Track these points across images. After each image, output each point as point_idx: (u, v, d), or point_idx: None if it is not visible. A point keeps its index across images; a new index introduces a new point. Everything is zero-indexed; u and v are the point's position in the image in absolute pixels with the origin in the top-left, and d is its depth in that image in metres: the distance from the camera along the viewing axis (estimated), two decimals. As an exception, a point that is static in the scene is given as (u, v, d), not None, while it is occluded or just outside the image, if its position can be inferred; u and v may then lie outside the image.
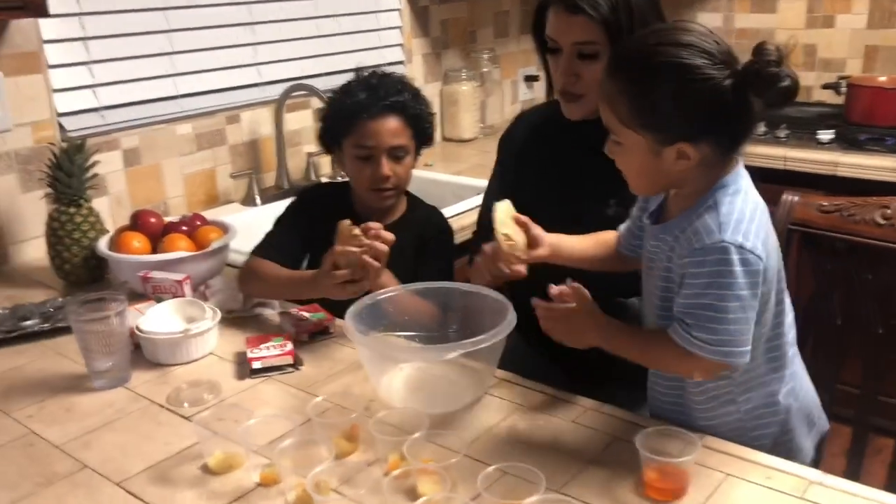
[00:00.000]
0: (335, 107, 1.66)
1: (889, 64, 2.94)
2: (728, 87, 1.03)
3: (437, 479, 1.03)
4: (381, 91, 1.60)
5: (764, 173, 2.60)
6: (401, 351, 1.34)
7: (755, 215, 1.09)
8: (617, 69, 1.09)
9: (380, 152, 1.60)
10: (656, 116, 1.05)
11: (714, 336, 1.06)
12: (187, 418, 1.24)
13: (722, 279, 1.04)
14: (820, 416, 1.31)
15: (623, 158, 1.12)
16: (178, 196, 2.19)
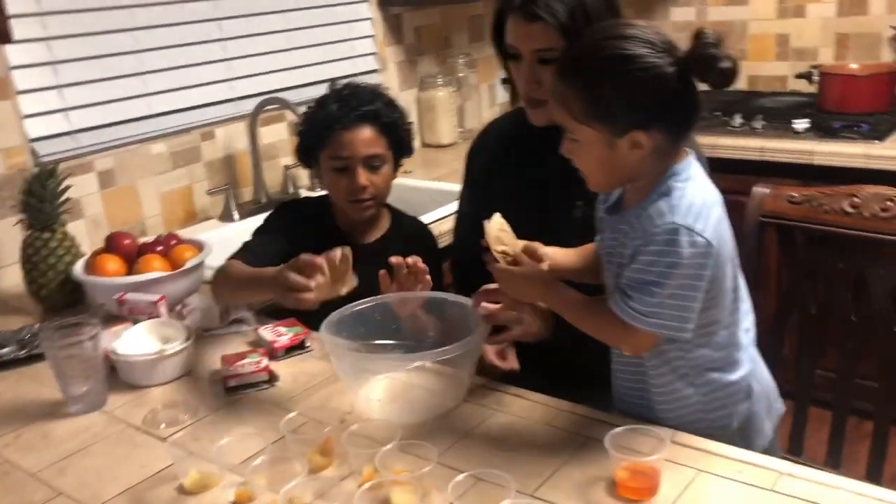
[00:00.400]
0: (309, 121, 1.67)
1: (860, 51, 2.96)
2: (672, 74, 1.06)
3: (410, 489, 1.04)
4: (353, 101, 1.61)
5: (741, 165, 2.63)
6: (372, 361, 1.33)
7: (706, 202, 1.12)
8: (567, 69, 1.12)
9: (355, 162, 1.60)
10: (608, 108, 1.08)
11: (649, 308, 1.09)
12: (163, 440, 1.24)
13: (667, 258, 1.08)
14: (777, 400, 1.34)
15: (581, 155, 1.15)
16: (156, 215, 2.19)
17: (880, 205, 1.50)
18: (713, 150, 2.66)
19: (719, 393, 1.21)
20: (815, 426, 1.72)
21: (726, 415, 1.22)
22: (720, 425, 1.21)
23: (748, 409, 1.24)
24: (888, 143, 2.48)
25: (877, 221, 1.50)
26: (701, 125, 2.83)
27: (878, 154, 2.41)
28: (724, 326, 1.19)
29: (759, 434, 1.27)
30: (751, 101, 3.04)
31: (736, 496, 1.04)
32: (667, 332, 1.11)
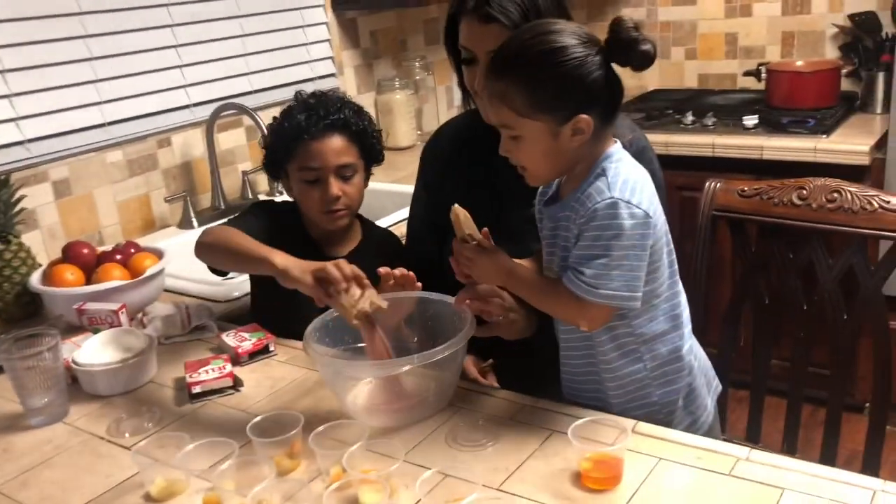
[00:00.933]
0: (276, 132, 1.61)
1: (805, 48, 3.05)
2: (599, 61, 1.14)
3: (377, 487, 1.05)
4: (320, 110, 1.56)
5: (694, 161, 2.69)
6: (356, 367, 1.33)
7: (639, 178, 1.19)
8: (502, 68, 1.17)
9: (327, 173, 1.56)
10: (549, 98, 1.14)
11: (598, 280, 1.14)
12: (128, 448, 1.24)
13: (610, 231, 1.14)
14: (714, 377, 1.40)
15: (524, 149, 1.19)
16: (113, 224, 2.16)
17: (827, 196, 1.55)
18: (666, 147, 2.72)
19: (666, 368, 1.26)
20: (772, 414, 1.77)
21: (672, 390, 1.28)
22: (667, 401, 1.27)
23: (690, 384, 1.30)
24: (834, 137, 2.56)
25: (824, 213, 1.55)
26: (654, 123, 2.92)
27: (824, 148, 2.49)
28: (665, 300, 1.24)
29: (703, 410, 1.33)
30: (702, 99, 3.11)
31: (696, 481, 1.07)
32: (618, 303, 1.15)
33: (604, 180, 1.16)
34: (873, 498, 1.01)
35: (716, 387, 1.39)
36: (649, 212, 1.16)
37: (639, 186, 1.17)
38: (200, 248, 1.52)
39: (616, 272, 1.14)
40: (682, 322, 1.28)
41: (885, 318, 1.51)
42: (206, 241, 1.52)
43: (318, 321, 1.35)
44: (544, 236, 1.29)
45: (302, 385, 1.39)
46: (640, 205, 1.15)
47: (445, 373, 1.29)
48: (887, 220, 1.48)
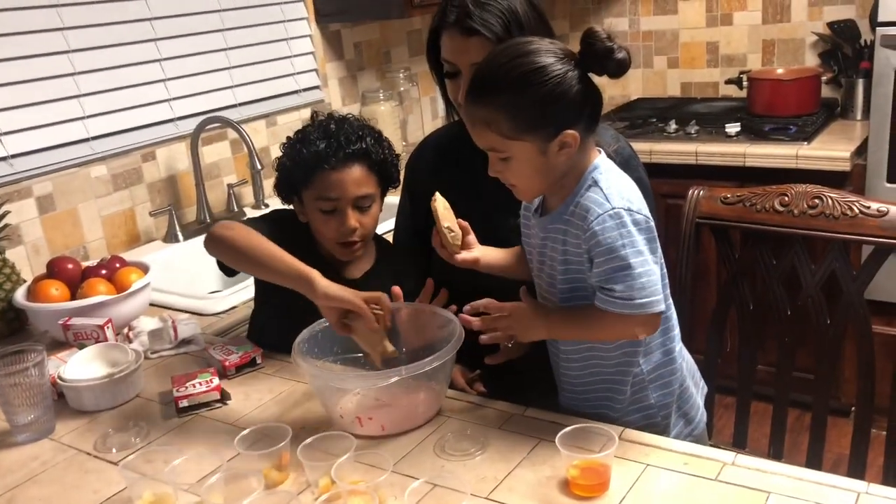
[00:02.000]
0: (292, 157, 1.52)
1: (785, 56, 3.08)
2: (577, 75, 1.15)
3: (366, 498, 1.05)
4: (340, 138, 1.49)
5: (677, 169, 2.71)
6: (345, 380, 1.33)
7: (631, 187, 1.21)
8: (484, 94, 1.18)
9: (344, 204, 1.49)
10: (535, 119, 1.15)
11: (633, 292, 1.14)
12: (115, 463, 1.23)
13: (622, 240, 1.15)
14: (700, 378, 1.42)
15: (514, 170, 1.20)
16: (98, 239, 2.16)
17: (808, 202, 1.56)
18: (650, 155, 2.74)
19: (661, 370, 1.28)
20: (758, 419, 1.78)
21: (668, 392, 1.29)
22: (664, 403, 1.29)
23: (682, 383, 1.32)
24: (815, 143, 2.59)
25: (806, 219, 1.56)
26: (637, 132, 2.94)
27: (805, 154, 2.52)
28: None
29: (696, 409, 1.36)
30: (684, 107, 3.14)
31: (683, 487, 1.08)
32: (657, 302, 1.16)
33: (598, 192, 1.17)
34: (857, 500, 1.02)
35: (702, 387, 1.42)
36: (648, 217, 1.18)
37: (634, 195, 1.19)
38: (216, 241, 1.44)
39: (643, 279, 1.14)
40: (672, 325, 1.30)
41: (867, 322, 1.53)
42: (225, 235, 1.43)
43: (306, 332, 1.35)
44: (532, 245, 1.29)
45: (290, 397, 1.39)
46: (641, 211, 1.17)
47: (434, 384, 1.30)
48: (868, 225, 1.50)
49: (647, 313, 1.15)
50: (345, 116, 1.57)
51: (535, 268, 1.30)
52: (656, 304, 1.15)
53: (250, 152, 2.22)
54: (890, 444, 1.51)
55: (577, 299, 1.23)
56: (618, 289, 1.15)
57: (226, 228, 1.44)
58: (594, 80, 1.18)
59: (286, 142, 1.57)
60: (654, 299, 1.15)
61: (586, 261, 1.19)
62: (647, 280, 1.15)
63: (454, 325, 1.30)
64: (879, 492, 1.03)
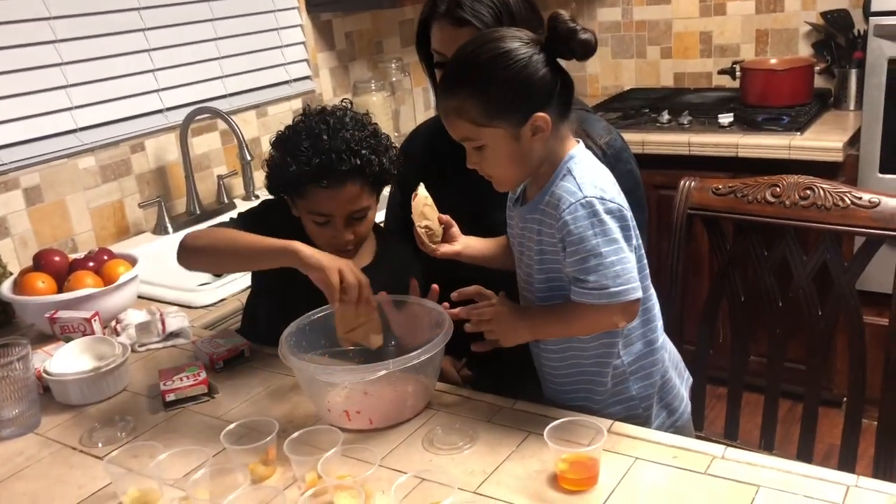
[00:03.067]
0: (281, 168, 1.42)
1: (778, 46, 3.07)
2: (543, 58, 1.16)
3: (353, 493, 1.04)
4: (332, 155, 1.38)
5: (670, 160, 2.70)
6: (332, 373, 1.31)
7: (606, 177, 1.21)
8: (453, 83, 1.18)
9: (338, 219, 1.43)
10: (504, 102, 1.15)
11: (606, 281, 1.14)
12: (101, 458, 1.22)
13: (595, 229, 1.15)
14: (685, 369, 1.42)
15: (489, 158, 1.20)
16: (87, 231, 2.14)
17: (800, 193, 1.56)
18: (643, 146, 2.73)
19: (643, 362, 1.28)
20: (750, 410, 1.78)
21: (650, 384, 1.29)
22: (645, 395, 1.29)
23: (664, 375, 1.31)
24: (808, 134, 2.58)
25: (797, 210, 1.55)
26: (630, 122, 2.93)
27: (798, 145, 2.51)
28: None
29: (679, 400, 1.35)
30: (677, 98, 3.12)
31: (672, 480, 1.07)
32: (634, 289, 1.15)
33: (571, 180, 1.18)
34: (847, 493, 1.01)
35: (687, 378, 1.41)
36: (623, 206, 1.18)
37: (608, 184, 1.19)
38: (189, 253, 1.42)
39: (616, 268, 1.14)
40: (654, 316, 1.29)
41: (859, 313, 1.52)
42: (196, 244, 1.42)
43: (294, 325, 1.34)
44: (513, 235, 1.30)
45: (277, 391, 1.38)
46: (615, 199, 1.17)
47: (423, 377, 1.29)
48: (859, 216, 1.49)
49: (623, 301, 1.15)
50: (340, 118, 1.44)
51: (516, 256, 1.31)
52: (632, 292, 1.15)
53: (240, 143, 2.21)
54: (881, 434, 1.51)
55: (554, 290, 1.23)
56: (591, 279, 1.14)
57: (193, 238, 1.43)
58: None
59: (276, 140, 1.47)
60: (629, 287, 1.15)
61: (560, 250, 1.18)
62: (620, 268, 1.14)
63: (443, 319, 1.29)
64: (869, 485, 1.02)
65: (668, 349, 1.34)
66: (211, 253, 1.42)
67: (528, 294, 1.29)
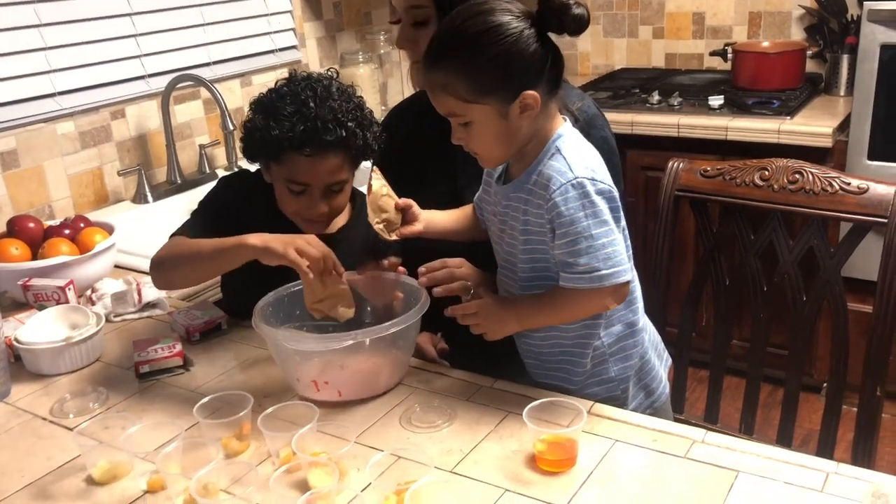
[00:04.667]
0: (262, 130, 1.37)
1: (771, 29, 3.04)
2: (534, 33, 1.12)
3: (328, 470, 1.02)
4: (318, 123, 1.33)
5: (659, 141, 2.68)
6: (303, 342, 1.28)
7: (595, 157, 1.19)
8: (439, 57, 1.14)
9: (315, 189, 1.39)
10: (493, 79, 1.11)
11: (597, 264, 1.12)
12: (71, 429, 1.19)
13: (586, 210, 1.13)
14: (664, 350, 1.41)
15: (475, 135, 1.17)
16: (65, 198, 2.10)
17: (789, 177, 1.54)
18: (632, 126, 2.70)
19: (623, 343, 1.27)
20: (730, 394, 1.77)
21: (629, 365, 1.28)
22: (624, 376, 1.27)
23: (643, 356, 1.30)
24: (798, 118, 2.56)
25: (785, 194, 1.54)
26: (620, 102, 2.89)
27: (788, 129, 2.49)
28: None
29: (658, 382, 1.34)
30: (668, 79, 3.09)
31: (651, 464, 1.06)
32: (624, 271, 1.14)
33: (561, 160, 1.15)
34: (826, 480, 1.00)
35: (666, 359, 1.40)
36: (612, 187, 1.16)
37: (597, 164, 1.17)
38: (160, 275, 1.40)
39: (606, 250, 1.13)
40: (635, 297, 1.28)
41: (843, 299, 1.51)
42: (162, 271, 1.39)
43: (271, 295, 1.31)
44: (493, 212, 1.27)
45: (253, 365, 1.36)
46: (605, 181, 1.15)
47: (396, 350, 1.27)
48: (847, 201, 1.48)
49: (614, 284, 1.13)
50: (327, 87, 1.39)
51: (494, 236, 1.28)
52: (623, 274, 1.14)
53: (223, 112, 2.17)
54: (860, 420, 1.50)
55: (538, 272, 1.21)
56: (581, 262, 1.12)
57: (156, 264, 1.39)
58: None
59: (256, 103, 1.42)
60: (619, 269, 1.13)
61: (548, 231, 1.16)
62: (611, 250, 1.13)
63: (419, 292, 1.27)
64: (849, 472, 1.01)
65: (648, 330, 1.33)
66: (174, 269, 1.38)
67: (509, 276, 1.26)
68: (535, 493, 1.01)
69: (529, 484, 1.03)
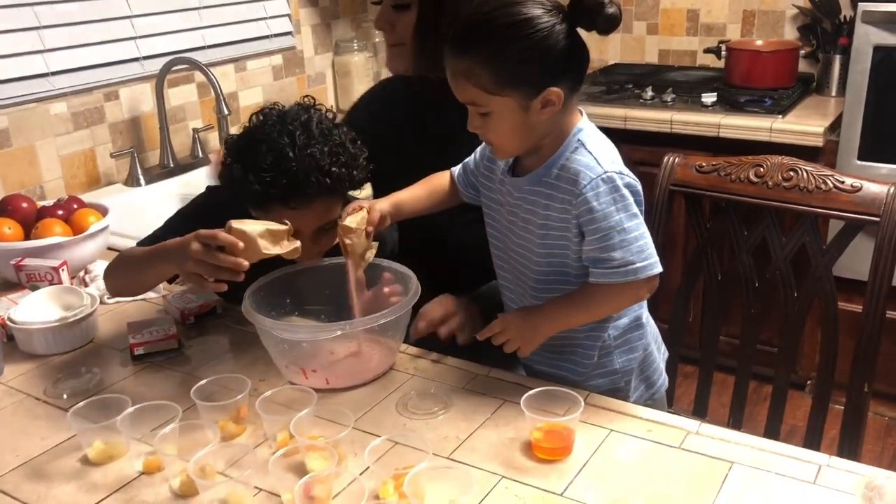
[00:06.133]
0: (240, 184, 1.25)
1: (765, 28, 3.06)
2: (565, 29, 1.10)
3: (325, 454, 1.03)
4: (300, 175, 1.22)
5: (652, 137, 2.69)
6: (288, 329, 1.28)
7: (614, 149, 1.19)
8: (465, 44, 1.12)
9: (305, 236, 1.28)
10: (518, 72, 1.10)
11: (631, 257, 1.13)
12: (66, 410, 1.19)
13: (617, 204, 1.13)
14: (662, 342, 1.42)
15: (494, 126, 1.15)
16: (56, 179, 2.08)
17: (783, 174, 1.55)
18: (625, 121, 2.71)
19: (628, 335, 1.28)
20: (717, 389, 1.79)
21: (633, 358, 1.29)
22: (628, 368, 1.28)
23: (646, 348, 1.31)
24: (789, 117, 2.58)
25: (779, 191, 1.55)
26: (613, 97, 2.90)
27: (779, 128, 2.51)
28: None
29: (658, 374, 1.35)
30: (661, 75, 3.10)
31: (646, 454, 1.07)
32: (656, 263, 1.14)
33: (587, 154, 1.15)
34: (819, 472, 1.02)
35: (664, 352, 1.42)
36: (636, 181, 1.16)
37: (618, 157, 1.17)
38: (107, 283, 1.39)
39: (639, 243, 1.13)
40: None
41: (834, 297, 1.53)
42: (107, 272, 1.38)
43: (262, 280, 1.30)
44: (500, 202, 1.26)
45: (250, 349, 1.36)
46: (629, 174, 1.16)
47: (384, 339, 1.27)
48: (841, 200, 1.49)
49: (648, 276, 1.14)
50: (306, 125, 1.26)
51: (499, 226, 1.27)
52: (655, 266, 1.14)
53: (217, 97, 2.15)
54: (847, 417, 1.52)
55: (554, 266, 1.20)
56: (616, 256, 1.13)
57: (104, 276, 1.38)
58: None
59: (232, 148, 1.29)
60: (652, 261, 1.14)
61: (573, 227, 1.16)
62: (644, 243, 1.14)
63: (409, 280, 1.27)
64: (840, 465, 1.03)
65: (650, 323, 1.34)
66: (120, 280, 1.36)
67: (523, 269, 1.25)
68: (531, 481, 1.02)
69: (526, 471, 1.04)
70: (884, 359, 1.58)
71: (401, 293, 1.29)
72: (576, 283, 1.21)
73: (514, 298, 1.30)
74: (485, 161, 1.30)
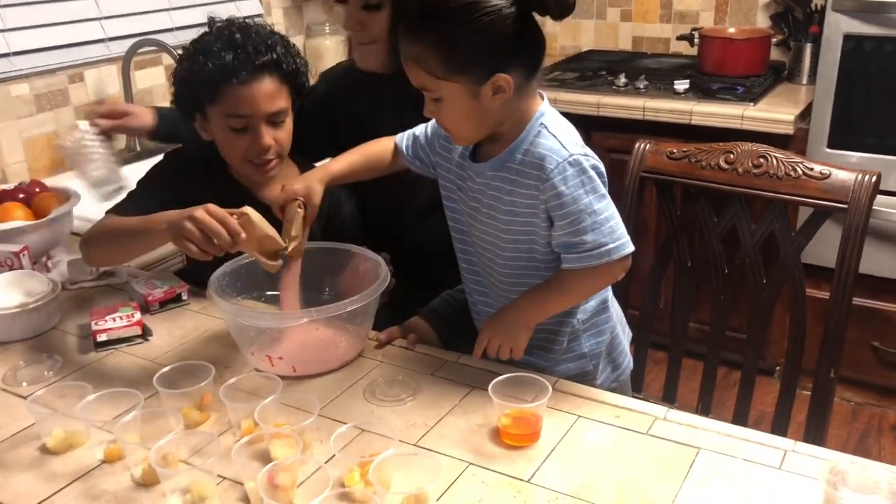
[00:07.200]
0: (194, 70, 1.37)
1: (738, 15, 3.07)
2: (514, 14, 1.08)
3: (290, 442, 1.01)
4: (248, 48, 1.35)
5: (624, 124, 2.69)
6: (253, 316, 1.26)
7: (576, 133, 1.19)
8: (415, 30, 1.11)
9: (257, 121, 1.37)
10: (465, 58, 1.09)
11: (603, 239, 1.13)
12: (25, 398, 1.16)
13: (586, 187, 1.13)
14: (626, 324, 1.42)
15: (446, 112, 1.15)
16: (18, 162, 2.03)
17: (753, 161, 1.55)
18: (598, 108, 2.71)
19: (596, 319, 1.28)
20: (687, 375, 1.80)
21: (601, 341, 1.29)
22: (596, 351, 1.29)
23: (612, 330, 1.32)
24: (761, 105, 2.59)
25: (749, 177, 1.55)
26: (586, 84, 2.89)
27: (751, 115, 2.52)
28: None
29: (624, 356, 1.36)
30: (635, 62, 3.10)
31: (614, 440, 1.07)
32: (627, 243, 1.14)
33: (550, 138, 1.14)
34: (784, 457, 1.02)
35: (628, 334, 1.42)
36: (599, 161, 1.16)
37: (581, 139, 1.16)
38: (87, 251, 1.39)
39: (610, 223, 1.13)
40: None
41: (802, 284, 1.54)
42: (87, 239, 1.39)
43: (228, 265, 1.29)
44: (461, 188, 1.25)
45: (215, 336, 1.34)
46: (594, 155, 1.15)
47: (352, 326, 1.26)
48: (810, 186, 1.50)
49: (620, 256, 1.14)
50: (247, 23, 1.42)
51: (461, 210, 1.26)
52: (627, 245, 1.14)
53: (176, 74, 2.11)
54: (814, 403, 1.54)
55: (521, 252, 1.20)
56: (588, 239, 1.12)
57: (83, 244, 1.39)
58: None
59: (183, 55, 1.42)
60: (624, 241, 1.14)
61: (540, 213, 1.15)
62: (614, 223, 1.14)
63: (379, 267, 1.26)
64: (805, 450, 1.04)
65: (615, 305, 1.34)
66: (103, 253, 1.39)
67: (490, 255, 1.25)
68: (498, 467, 1.02)
69: (493, 458, 1.03)
70: (850, 345, 1.59)
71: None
72: (545, 269, 1.20)
73: (482, 291, 1.29)
74: (440, 140, 1.28)
